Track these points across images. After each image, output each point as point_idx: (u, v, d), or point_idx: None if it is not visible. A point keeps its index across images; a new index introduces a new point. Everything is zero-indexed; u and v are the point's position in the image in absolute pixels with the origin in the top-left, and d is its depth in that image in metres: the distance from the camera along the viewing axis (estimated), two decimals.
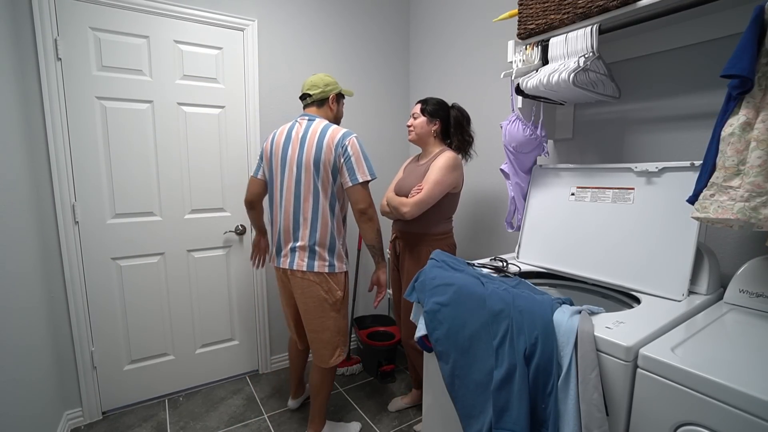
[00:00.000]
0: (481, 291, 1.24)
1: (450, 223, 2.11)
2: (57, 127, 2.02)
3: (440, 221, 2.05)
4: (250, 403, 2.43)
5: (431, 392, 1.54)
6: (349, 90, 2.07)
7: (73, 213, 2.11)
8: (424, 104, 2.06)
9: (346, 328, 2.02)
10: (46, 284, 2.06)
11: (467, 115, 2.09)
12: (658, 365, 0.90)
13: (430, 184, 1.91)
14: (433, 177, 1.91)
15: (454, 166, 1.94)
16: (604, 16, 1.39)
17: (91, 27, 2.06)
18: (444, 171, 1.92)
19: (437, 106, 2.06)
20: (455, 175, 1.96)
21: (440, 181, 1.91)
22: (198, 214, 2.46)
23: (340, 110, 2.06)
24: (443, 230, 2.07)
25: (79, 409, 2.23)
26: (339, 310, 1.94)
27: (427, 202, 1.92)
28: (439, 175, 1.91)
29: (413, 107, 2.12)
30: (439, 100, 2.07)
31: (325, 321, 1.92)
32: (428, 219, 2.01)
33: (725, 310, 1.19)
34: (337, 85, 1.99)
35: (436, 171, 1.93)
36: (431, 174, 1.93)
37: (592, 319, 1.06)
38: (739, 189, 1.02)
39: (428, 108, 2.05)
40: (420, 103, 2.08)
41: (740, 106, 1.03)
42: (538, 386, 1.05)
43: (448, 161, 1.94)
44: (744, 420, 0.77)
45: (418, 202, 1.90)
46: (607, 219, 1.51)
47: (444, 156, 1.96)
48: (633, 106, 1.67)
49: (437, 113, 2.05)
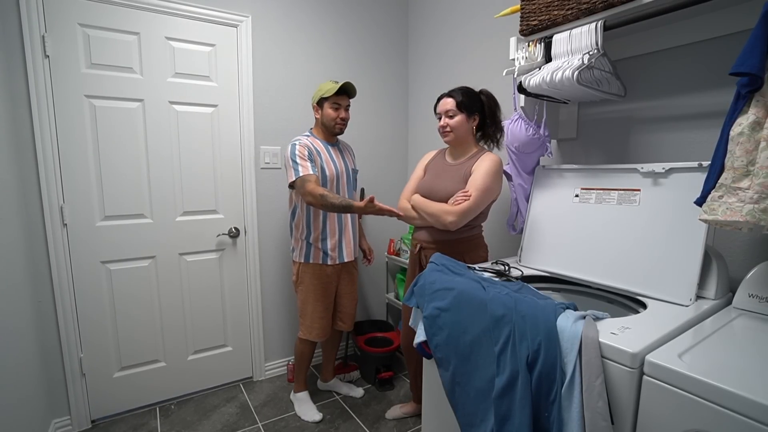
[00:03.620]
0: (482, 295, 1.23)
1: (481, 227, 2.00)
2: (45, 127, 2.01)
3: (473, 228, 1.93)
4: (244, 411, 2.42)
5: (431, 400, 1.53)
6: (330, 87, 2.16)
7: (61, 215, 2.10)
8: (458, 97, 1.85)
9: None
10: (34, 288, 2.05)
11: (497, 101, 1.91)
12: (664, 372, 0.90)
13: (479, 191, 1.75)
14: (481, 183, 1.76)
15: (500, 171, 1.81)
16: (609, 12, 1.39)
17: (79, 23, 2.06)
18: (493, 176, 1.77)
19: (472, 98, 1.87)
20: (500, 181, 1.82)
21: (489, 188, 1.77)
22: (190, 216, 2.45)
23: (324, 114, 2.22)
24: (476, 234, 1.95)
25: (67, 418, 2.22)
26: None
27: (474, 212, 1.77)
28: (489, 181, 1.76)
29: (441, 104, 1.90)
30: (469, 90, 1.88)
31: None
32: (464, 227, 1.86)
33: (734, 316, 1.19)
34: (318, 92, 2.21)
35: (483, 176, 1.76)
36: (478, 179, 1.77)
37: (597, 324, 1.06)
38: (749, 190, 1.01)
39: (465, 102, 1.85)
40: (451, 98, 1.86)
41: (749, 105, 1.03)
42: (541, 394, 1.04)
43: (495, 166, 1.79)
44: (753, 429, 0.76)
45: (466, 210, 1.74)
46: (613, 221, 1.50)
47: (489, 159, 1.81)
48: (639, 104, 1.67)
49: (474, 106, 1.86)
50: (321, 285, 2.30)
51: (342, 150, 2.34)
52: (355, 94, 2.26)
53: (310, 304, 2.29)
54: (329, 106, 2.19)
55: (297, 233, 2.28)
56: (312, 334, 2.31)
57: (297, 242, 2.28)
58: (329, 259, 2.28)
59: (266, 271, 2.70)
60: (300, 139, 2.15)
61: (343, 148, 2.37)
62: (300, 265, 2.29)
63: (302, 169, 2.06)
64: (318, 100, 2.20)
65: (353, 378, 2.78)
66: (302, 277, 2.29)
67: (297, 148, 2.10)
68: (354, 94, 2.25)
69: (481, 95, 1.90)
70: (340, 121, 2.22)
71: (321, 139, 2.24)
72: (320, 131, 2.27)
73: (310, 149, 2.13)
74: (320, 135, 2.26)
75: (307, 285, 2.29)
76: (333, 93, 2.14)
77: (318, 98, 2.20)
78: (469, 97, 1.86)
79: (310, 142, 2.15)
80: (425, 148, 2.97)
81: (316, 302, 2.30)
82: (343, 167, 2.27)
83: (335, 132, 2.26)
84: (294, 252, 2.31)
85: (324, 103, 2.19)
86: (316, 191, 1.98)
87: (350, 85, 2.18)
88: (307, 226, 2.23)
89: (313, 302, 2.29)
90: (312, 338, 2.32)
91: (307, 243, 2.24)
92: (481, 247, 1.99)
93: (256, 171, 2.60)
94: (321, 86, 2.21)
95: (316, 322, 2.31)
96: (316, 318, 2.30)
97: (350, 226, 2.35)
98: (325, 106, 2.19)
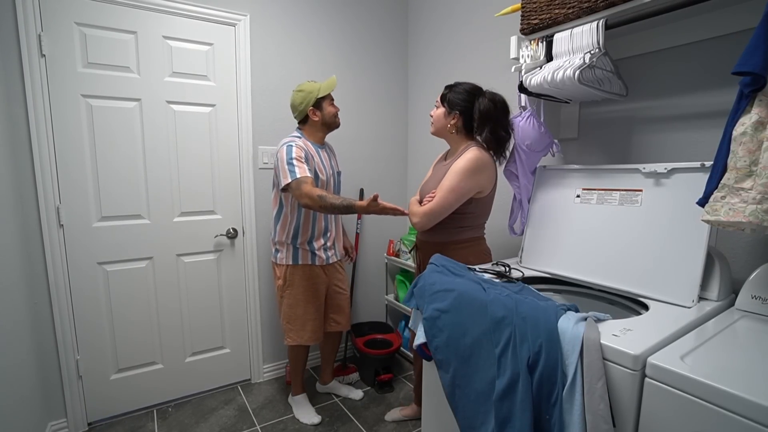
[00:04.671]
0: (482, 297, 1.23)
1: (480, 229, 1.92)
2: (41, 127, 2.01)
3: (466, 229, 1.85)
4: (242, 414, 2.42)
5: (431, 402, 1.53)
6: (327, 84, 2.17)
7: (57, 216, 2.10)
8: (448, 90, 1.84)
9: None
10: (30, 290, 2.04)
11: (503, 105, 1.77)
12: (667, 374, 0.90)
13: (443, 191, 1.72)
14: (448, 183, 1.72)
15: (475, 169, 1.71)
16: (610, 11, 1.39)
17: (76, 22, 2.06)
18: (461, 175, 1.70)
19: (461, 95, 1.80)
20: (477, 179, 1.73)
21: (455, 187, 1.71)
22: (188, 216, 2.45)
23: (326, 113, 2.20)
24: (469, 236, 1.87)
25: (63, 420, 2.22)
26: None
27: (439, 213, 1.73)
28: (455, 180, 1.71)
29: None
30: (469, 87, 1.81)
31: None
32: (450, 227, 1.82)
33: (737, 317, 1.19)
34: (310, 94, 2.16)
35: (452, 175, 1.72)
36: (446, 179, 1.73)
37: (599, 326, 1.06)
38: (751, 191, 1.01)
39: (449, 96, 1.82)
40: (445, 89, 1.86)
41: (752, 105, 1.03)
42: (542, 396, 1.04)
43: (468, 164, 1.71)
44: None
45: (428, 212, 1.73)
46: (614, 222, 1.50)
47: (464, 157, 1.74)
48: (641, 104, 1.67)
49: (458, 104, 1.79)
50: (312, 286, 2.28)
51: (329, 152, 2.34)
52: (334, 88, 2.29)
53: (301, 306, 2.27)
54: (329, 104, 2.20)
55: (282, 235, 2.24)
56: (304, 338, 2.29)
57: (282, 245, 2.25)
58: (317, 260, 2.27)
59: (264, 273, 2.69)
60: (295, 141, 2.11)
61: (329, 149, 2.36)
62: (288, 268, 2.25)
63: (299, 170, 2.02)
64: (315, 101, 2.16)
65: (352, 380, 2.77)
66: (291, 280, 2.25)
67: (294, 149, 2.06)
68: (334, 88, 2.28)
69: (480, 96, 1.78)
70: (337, 114, 2.25)
71: (312, 141, 2.21)
72: (313, 133, 2.24)
73: (306, 151, 2.11)
74: (312, 137, 2.23)
75: (297, 287, 2.26)
76: (331, 89, 2.16)
77: (314, 100, 2.16)
78: (458, 94, 1.80)
79: (303, 144, 2.12)
80: (425, 148, 2.98)
81: (308, 304, 2.28)
82: (331, 170, 2.27)
83: (337, 125, 2.27)
84: (278, 254, 2.27)
85: (322, 102, 2.18)
86: (313, 193, 1.95)
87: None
88: (296, 229, 2.21)
89: (304, 304, 2.27)
90: (303, 342, 2.30)
91: (294, 246, 2.22)
92: (477, 253, 1.87)
93: (254, 171, 2.60)
94: (305, 87, 2.17)
95: (307, 325, 2.29)
96: (307, 320, 2.28)
97: (337, 226, 2.37)
98: (324, 105, 2.19)
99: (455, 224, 1.82)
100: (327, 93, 2.17)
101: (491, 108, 1.74)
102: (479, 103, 1.76)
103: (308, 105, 2.16)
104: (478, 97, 1.78)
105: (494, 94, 1.78)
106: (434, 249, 1.84)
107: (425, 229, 1.80)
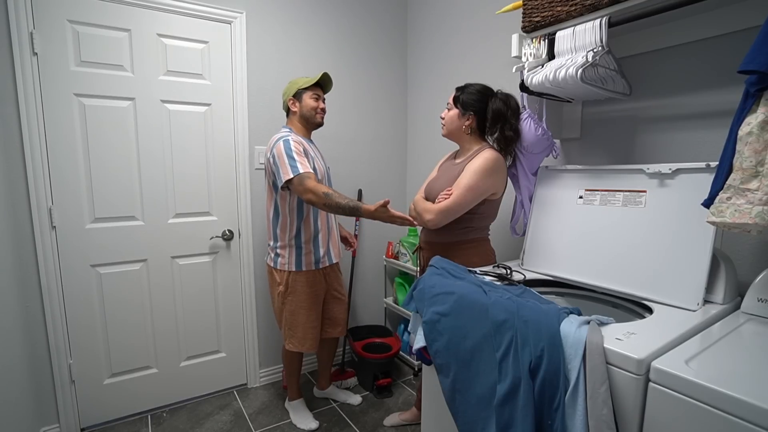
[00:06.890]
0: (483, 300, 1.23)
1: (485, 230, 1.94)
2: (33, 126, 2.01)
3: (472, 230, 1.86)
4: (238, 419, 2.41)
5: (430, 407, 1.53)
6: (307, 78, 2.17)
7: (49, 217, 2.09)
8: (460, 92, 1.85)
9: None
10: (21, 292, 2.04)
11: (515, 105, 1.79)
12: (671, 379, 0.89)
13: (461, 189, 1.73)
14: (466, 181, 1.73)
15: (493, 169, 1.74)
16: (613, 8, 1.39)
17: (68, 20, 2.06)
18: (480, 174, 1.72)
19: (474, 96, 1.82)
20: (494, 180, 1.76)
21: (474, 186, 1.72)
22: (183, 218, 2.45)
23: (304, 106, 2.18)
24: (475, 237, 1.88)
25: (56, 426, 2.21)
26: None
27: (455, 211, 1.74)
28: (474, 179, 1.72)
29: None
30: (481, 88, 1.83)
31: None
32: (458, 228, 1.83)
33: (743, 321, 1.19)
34: (294, 84, 2.18)
35: (470, 174, 1.73)
36: (464, 177, 1.74)
37: (602, 330, 1.06)
38: (758, 192, 1.01)
39: (462, 97, 1.84)
40: (456, 90, 1.87)
41: (759, 104, 1.02)
42: (544, 401, 1.04)
43: (486, 163, 1.74)
44: None
45: (444, 210, 1.74)
46: (618, 223, 1.50)
47: (482, 156, 1.76)
48: (645, 103, 1.67)
49: (471, 105, 1.82)
50: (313, 293, 2.25)
51: (316, 147, 2.31)
52: (330, 89, 2.28)
53: (303, 314, 2.23)
54: (309, 96, 2.17)
55: (284, 238, 2.18)
56: (305, 346, 2.26)
57: (284, 248, 2.18)
58: (320, 263, 2.24)
59: (261, 275, 2.69)
60: (290, 135, 2.08)
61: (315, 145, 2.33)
62: (290, 274, 2.19)
63: (301, 165, 1.97)
64: (295, 92, 2.16)
65: (350, 385, 2.77)
66: (293, 287, 2.20)
67: (292, 143, 2.02)
68: (329, 88, 2.27)
69: (492, 97, 1.82)
70: (321, 111, 2.20)
71: (301, 135, 2.18)
72: (298, 126, 2.21)
73: (303, 146, 2.08)
74: (299, 131, 2.20)
75: (299, 294, 2.21)
76: (312, 83, 2.15)
77: (295, 90, 2.16)
78: (471, 95, 1.83)
79: (297, 139, 2.08)
80: (425, 149, 2.98)
81: (309, 312, 2.24)
82: (323, 166, 2.25)
83: (316, 122, 2.21)
84: (278, 259, 2.20)
85: (303, 95, 2.16)
86: (318, 189, 1.92)
87: (328, 76, 2.21)
88: (297, 228, 2.15)
89: (306, 312, 2.23)
90: (305, 350, 2.27)
91: (297, 247, 2.17)
92: (481, 253, 1.89)
93: (251, 172, 2.59)
94: (295, 80, 2.19)
95: (309, 333, 2.25)
96: (309, 329, 2.25)
97: (336, 225, 2.35)
98: (305, 97, 2.16)
99: (463, 224, 1.82)
100: (309, 85, 2.15)
101: (504, 108, 1.77)
102: (492, 102, 1.79)
103: (289, 95, 2.19)
104: (491, 97, 1.82)
105: (507, 95, 1.81)
106: (439, 249, 1.85)
107: (439, 226, 1.79)
